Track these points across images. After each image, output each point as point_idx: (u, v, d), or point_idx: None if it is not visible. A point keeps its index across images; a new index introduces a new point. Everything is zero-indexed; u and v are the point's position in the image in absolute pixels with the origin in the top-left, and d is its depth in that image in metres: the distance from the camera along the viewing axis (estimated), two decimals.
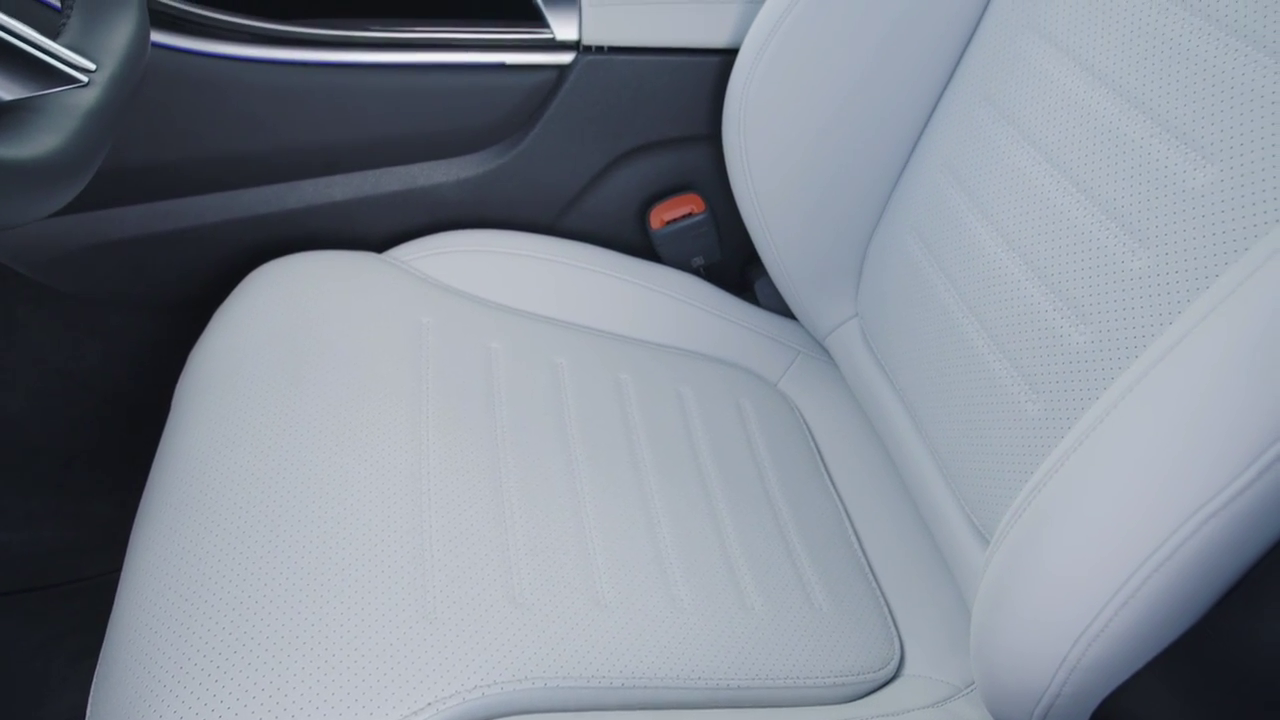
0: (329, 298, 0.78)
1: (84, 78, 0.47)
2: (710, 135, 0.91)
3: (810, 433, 0.86)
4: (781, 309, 0.95)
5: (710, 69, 0.87)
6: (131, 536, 0.64)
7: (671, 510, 0.71)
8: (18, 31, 0.43)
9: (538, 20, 0.84)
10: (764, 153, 0.80)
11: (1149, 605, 0.43)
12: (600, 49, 0.85)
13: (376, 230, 0.91)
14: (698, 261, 0.96)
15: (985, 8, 0.73)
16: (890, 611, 0.72)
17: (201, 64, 0.79)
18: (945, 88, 0.76)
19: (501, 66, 0.84)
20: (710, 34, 0.86)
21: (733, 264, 1.00)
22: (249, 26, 0.80)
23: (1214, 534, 0.41)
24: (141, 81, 0.55)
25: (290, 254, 0.85)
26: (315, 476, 0.63)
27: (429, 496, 0.65)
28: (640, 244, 0.96)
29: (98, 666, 0.58)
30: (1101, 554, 0.44)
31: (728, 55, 0.86)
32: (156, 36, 0.78)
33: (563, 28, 0.84)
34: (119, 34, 0.52)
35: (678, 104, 0.89)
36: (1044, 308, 0.61)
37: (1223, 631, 0.45)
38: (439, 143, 0.87)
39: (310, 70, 0.81)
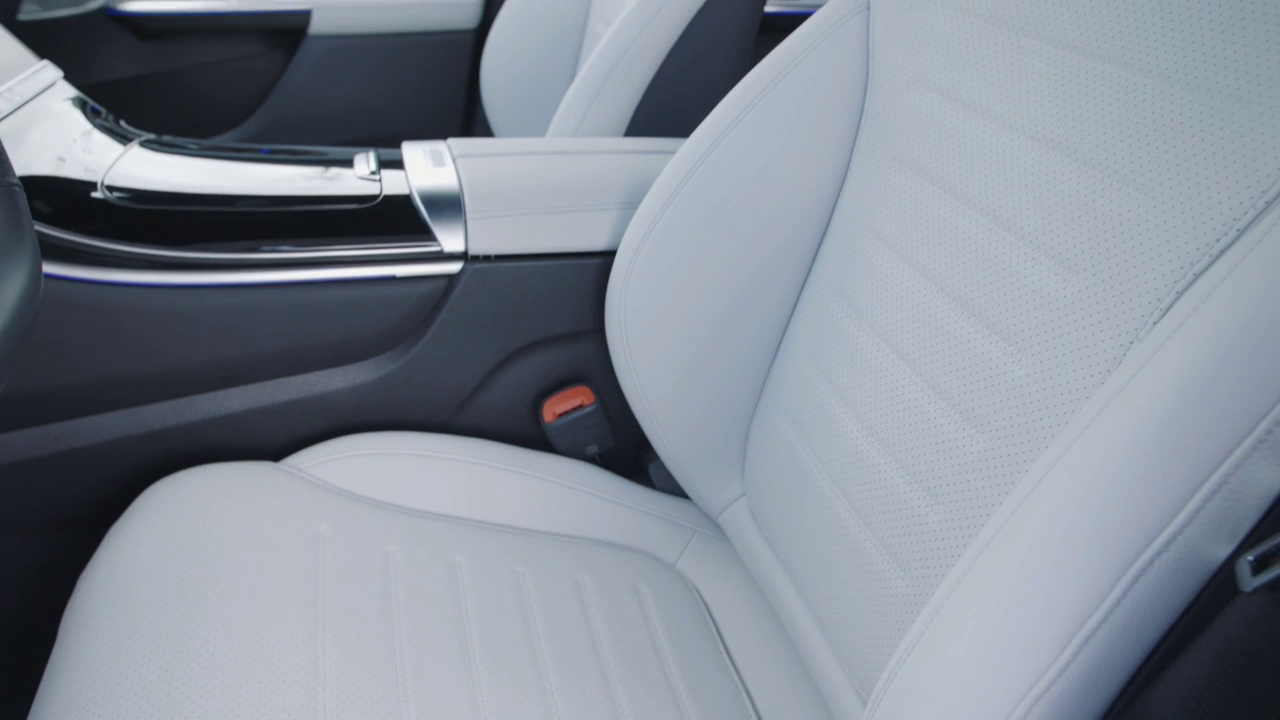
0: (224, 513, 0.79)
1: None
2: (595, 330, 0.96)
3: (709, 612, 0.88)
4: (676, 489, 0.98)
5: (591, 270, 0.94)
6: None
7: (571, 706, 0.72)
8: None
9: (426, 234, 0.89)
10: (645, 346, 0.86)
11: None
12: (486, 258, 0.91)
13: (274, 439, 0.92)
14: (592, 450, 0.99)
15: (832, 213, 0.81)
16: None
17: (96, 292, 0.82)
18: (804, 284, 0.83)
19: (392, 279, 0.89)
20: (588, 239, 0.93)
21: (626, 448, 1.04)
22: (143, 254, 0.83)
23: (1063, 691, 0.45)
24: (34, 326, 0.57)
25: (186, 468, 0.86)
26: (210, 704, 0.63)
27: (324, 715, 0.64)
28: (535, 435, 0.99)
29: None
30: (967, 714, 0.47)
31: (607, 256, 0.92)
32: (50, 268, 0.80)
33: (450, 240, 0.90)
34: (9, 288, 0.54)
35: (563, 303, 0.94)
36: (903, 489, 0.66)
37: None
38: (334, 352, 0.91)
39: (205, 292, 0.85)
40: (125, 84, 1.70)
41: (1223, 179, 0.49)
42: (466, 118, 1.88)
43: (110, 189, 0.86)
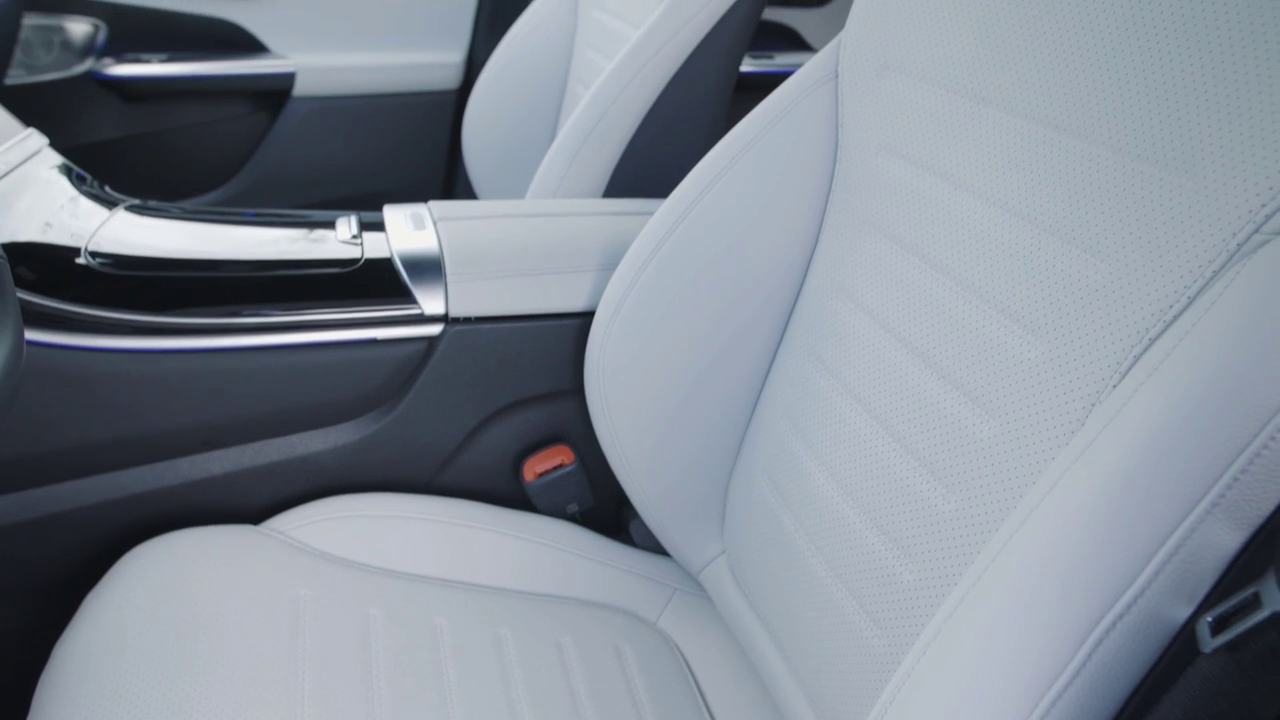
0: (203, 578, 0.78)
1: None
2: (575, 389, 0.97)
3: (690, 670, 0.88)
4: (657, 547, 0.99)
5: (571, 330, 0.95)
6: None
7: None
8: None
9: (407, 297, 0.91)
10: (624, 405, 0.87)
11: None
12: (467, 319, 0.92)
13: (255, 501, 0.92)
14: (572, 508, 1.00)
15: (805, 274, 0.83)
16: None
17: (78, 358, 0.82)
18: (779, 343, 0.84)
19: (374, 341, 0.90)
20: (568, 300, 0.94)
21: (607, 506, 1.04)
22: (125, 320, 0.84)
23: None
24: (15, 394, 0.57)
25: (166, 532, 0.86)
26: None
27: None
28: (516, 494, 1.00)
29: None
30: None
31: (586, 317, 0.94)
32: (33, 335, 0.81)
33: (430, 303, 0.91)
34: None
35: (543, 363, 0.95)
36: (878, 548, 0.67)
37: None
38: (315, 414, 0.91)
39: (187, 356, 0.85)
40: (109, 145, 1.72)
41: (1173, 248, 0.51)
42: (449, 176, 1.90)
43: (94, 254, 0.87)
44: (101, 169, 1.70)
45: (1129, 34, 0.56)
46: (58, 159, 1.00)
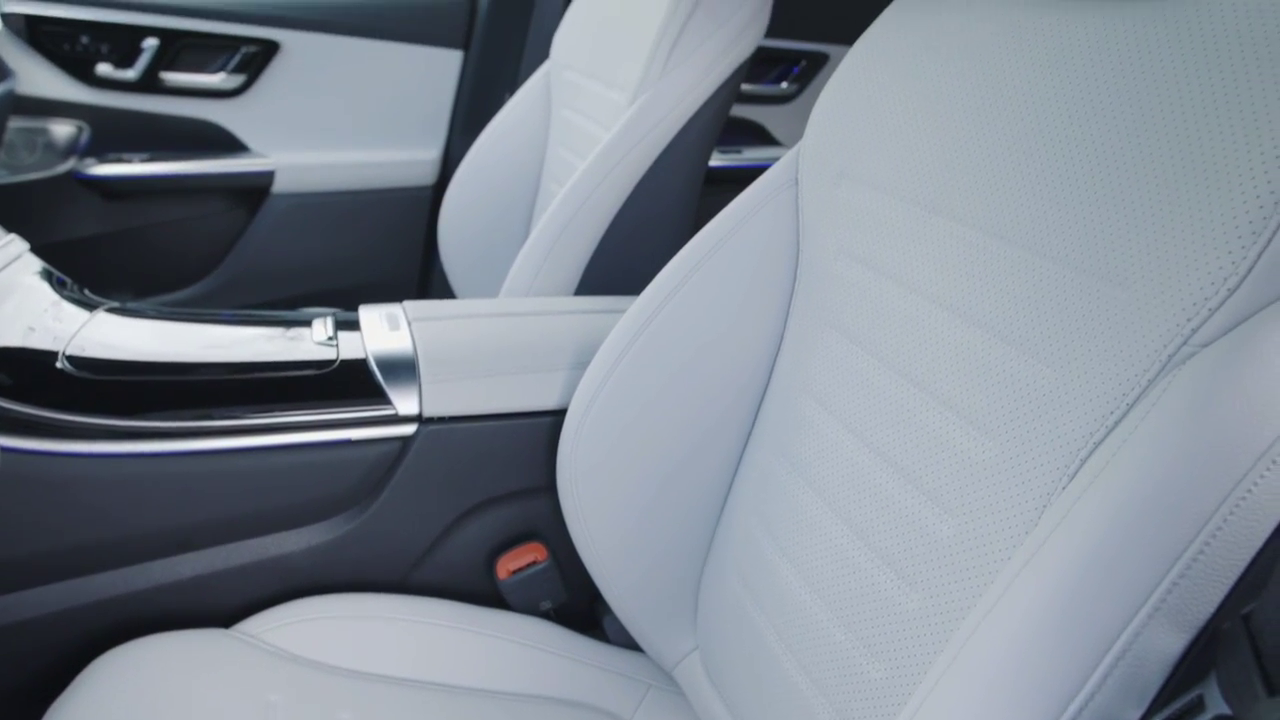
0: (173, 686, 0.78)
1: None
2: (548, 486, 0.98)
3: None
4: (631, 643, 0.99)
5: (544, 428, 0.96)
6: None
7: None
8: None
9: (381, 398, 0.92)
10: (595, 502, 0.88)
11: None
12: (440, 419, 0.93)
13: (227, 603, 0.92)
14: (546, 605, 1.00)
15: (771, 373, 0.85)
16: None
17: (52, 463, 0.83)
18: (748, 440, 0.86)
19: (348, 442, 0.91)
20: (540, 399, 0.96)
21: (581, 602, 1.04)
22: (100, 425, 0.84)
23: None
24: None
25: (136, 637, 0.85)
26: None
27: None
28: (490, 591, 1.00)
29: None
30: None
31: (558, 415, 0.95)
32: (6, 441, 0.81)
33: (404, 403, 0.92)
34: None
35: (516, 461, 0.96)
36: (846, 646, 0.67)
37: None
38: (288, 515, 0.92)
39: (161, 460, 0.86)
40: (89, 241, 1.74)
41: (1111, 357, 0.54)
42: (424, 269, 1.93)
43: (71, 359, 0.88)
44: (81, 265, 1.72)
45: (1067, 151, 0.59)
46: (38, 264, 1.01)
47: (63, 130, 1.68)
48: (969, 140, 0.67)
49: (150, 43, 1.63)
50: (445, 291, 1.82)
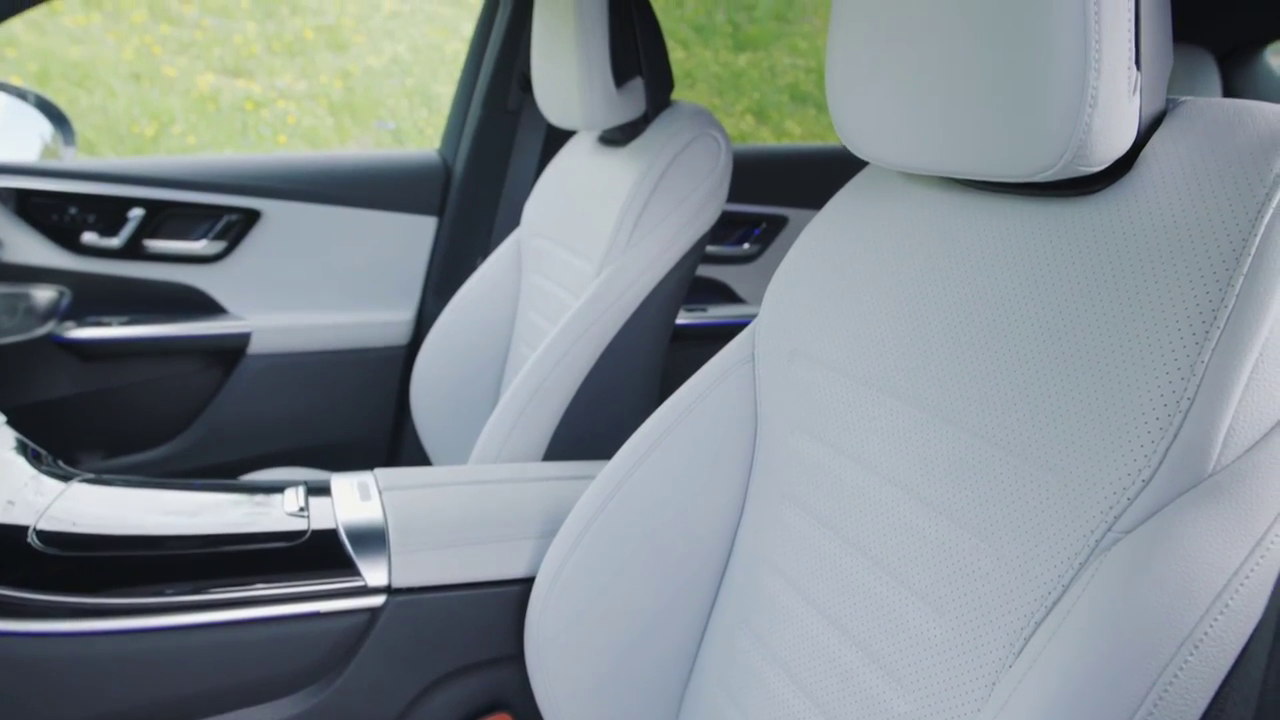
0: None
1: None
2: (515, 655, 0.98)
3: None
4: None
5: (511, 597, 0.97)
6: None
7: None
8: None
9: (350, 569, 0.93)
10: (562, 672, 0.88)
11: None
12: (409, 590, 0.94)
13: None
14: None
15: (733, 544, 0.87)
16: None
17: (14, 644, 0.82)
18: (711, 610, 0.88)
19: (316, 614, 0.91)
20: (509, 567, 0.97)
21: None
22: (65, 603, 0.85)
23: None
24: None
25: None
26: None
27: None
28: None
29: None
30: None
31: (526, 583, 0.97)
32: None
33: (373, 574, 0.93)
34: None
35: (483, 631, 0.97)
36: None
37: None
38: (253, 690, 0.91)
39: (126, 638, 0.86)
40: (63, 402, 1.75)
41: (1045, 540, 0.57)
42: (396, 426, 1.96)
43: (40, 534, 0.89)
44: (53, 424, 1.73)
45: (996, 342, 0.64)
46: (13, 437, 1.03)
47: (44, 295, 1.71)
48: (911, 326, 0.72)
49: (136, 213, 1.69)
50: (417, 448, 1.84)
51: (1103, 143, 0.56)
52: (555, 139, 1.86)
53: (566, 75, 1.31)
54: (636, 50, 1.33)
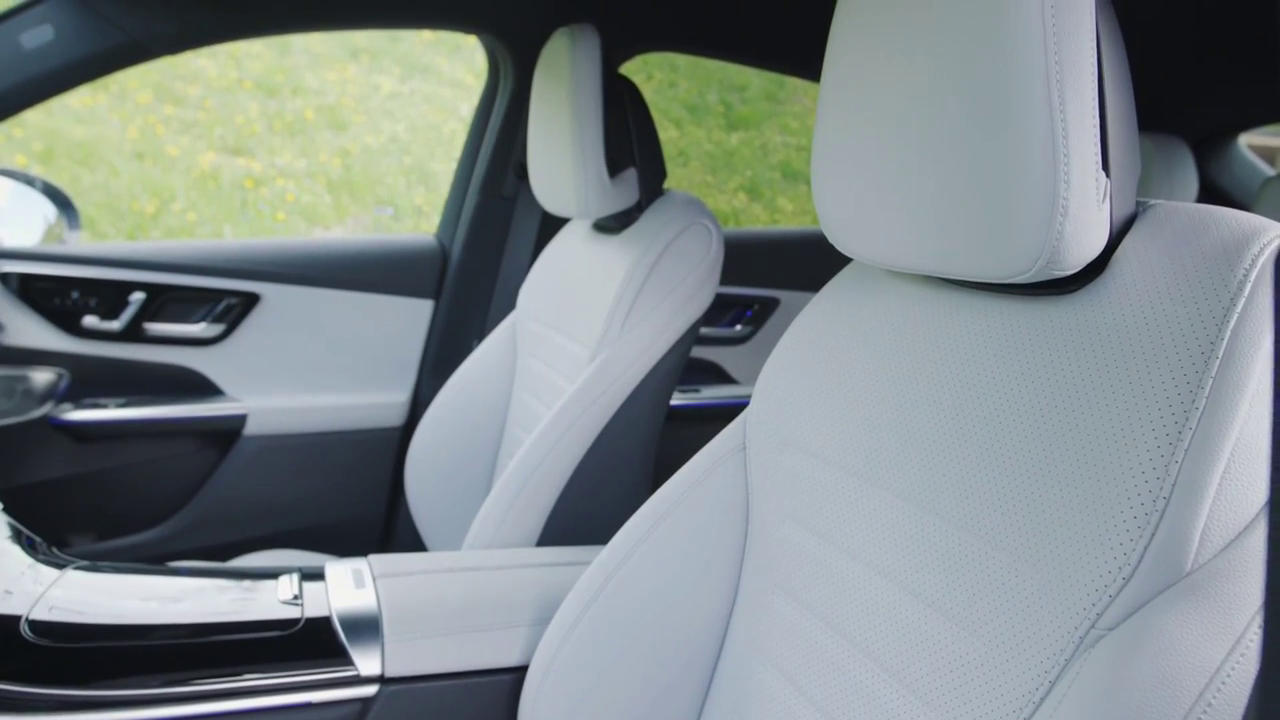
0: None
1: None
2: None
3: None
4: None
5: (504, 685, 0.97)
6: None
7: None
8: None
9: (344, 658, 0.93)
10: None
11: None
12: (402, 679, 0.94)
13: None
14: None
15: (725, 634, 0.88)
16: None
17: None
18: (704, 702, 0.88)
19: (308, 705, 0.91)
20: (502, 656, 0.97)
21: None
22: (53, 696, 0.84)
23: None
24: None
25: None
26: None
27: None
28: None
29: None
30: None
31: (519, 671, 0.96)
32: None
33: (367, 663, 0.93)
34: None
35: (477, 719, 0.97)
36: None
37: None
38: None
39: None
40: (58, 483, 1.76)
41: (1031, 635, 0.58)
42: (391, 507, 1.96)
43: (32, 625, 0.89)
44: (47, 505, 1.73)
45: (980, 438, 0.66)
46: (7, 525, 1.03)
47: (42, 377, 1.73)
48: (899, 420, 0.73)
49: (137, 296, 1.71)
50: (411, 530, 1.84)
51: (1075, 248, 0.59)
52: (550, 224, 1.90)
53: (562, 165, 1.35)
54: (630, 141, 1.38)
